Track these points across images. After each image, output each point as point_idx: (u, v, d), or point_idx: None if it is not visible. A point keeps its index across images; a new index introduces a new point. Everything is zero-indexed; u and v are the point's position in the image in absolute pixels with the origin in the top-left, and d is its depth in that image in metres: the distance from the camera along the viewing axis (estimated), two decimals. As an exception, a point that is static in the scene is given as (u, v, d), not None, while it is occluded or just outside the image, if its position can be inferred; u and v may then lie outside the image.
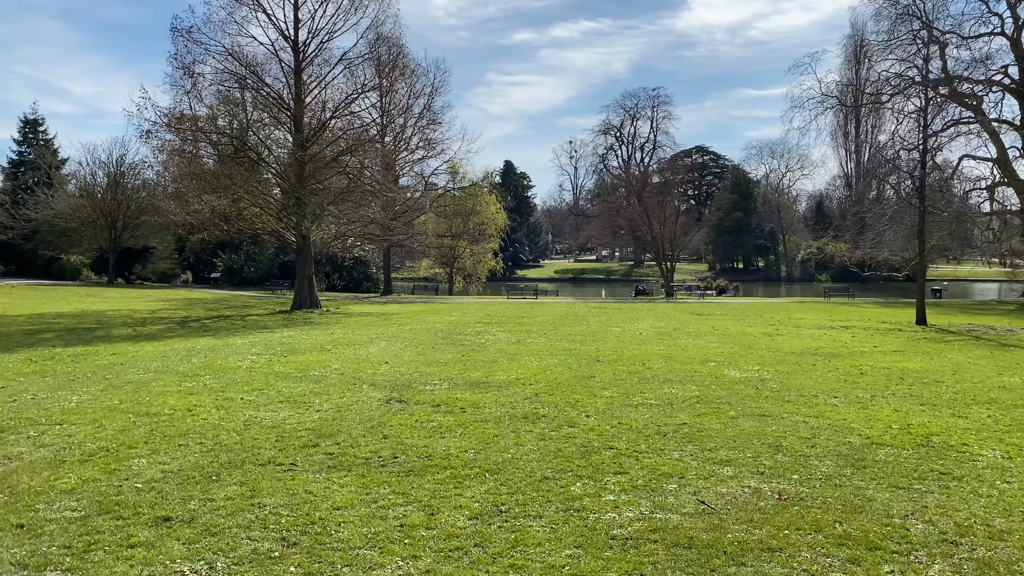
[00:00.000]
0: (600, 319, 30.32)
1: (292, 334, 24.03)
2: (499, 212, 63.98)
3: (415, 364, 16.27)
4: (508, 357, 17.49)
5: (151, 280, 68.13)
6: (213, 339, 22.52)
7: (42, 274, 71.74)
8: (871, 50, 68.26)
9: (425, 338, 22.35)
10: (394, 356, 17.85)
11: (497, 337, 22.52)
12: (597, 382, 13.61)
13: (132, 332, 24.65)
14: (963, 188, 51.04)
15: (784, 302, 48.57)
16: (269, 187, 39.20)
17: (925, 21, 55.24)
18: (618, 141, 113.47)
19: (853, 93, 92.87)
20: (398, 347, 19.92)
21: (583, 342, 21.04)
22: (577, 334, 23.56)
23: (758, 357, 17.78)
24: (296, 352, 18.85)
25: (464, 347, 19.84)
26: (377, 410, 10.98)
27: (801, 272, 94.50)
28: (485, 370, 15.18)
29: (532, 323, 27.97)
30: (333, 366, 16.00)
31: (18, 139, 79.01)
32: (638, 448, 8.70)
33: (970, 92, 52.49)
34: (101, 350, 19.45)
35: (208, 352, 18.93)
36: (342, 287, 60.99)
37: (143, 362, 16.97)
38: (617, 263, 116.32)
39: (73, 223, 60.84)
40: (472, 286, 65.22)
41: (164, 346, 20.57)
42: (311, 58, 35.48)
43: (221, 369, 15.64)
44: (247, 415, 10.62)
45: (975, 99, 52.35)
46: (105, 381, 14.08)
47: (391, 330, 25.13)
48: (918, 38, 56.32)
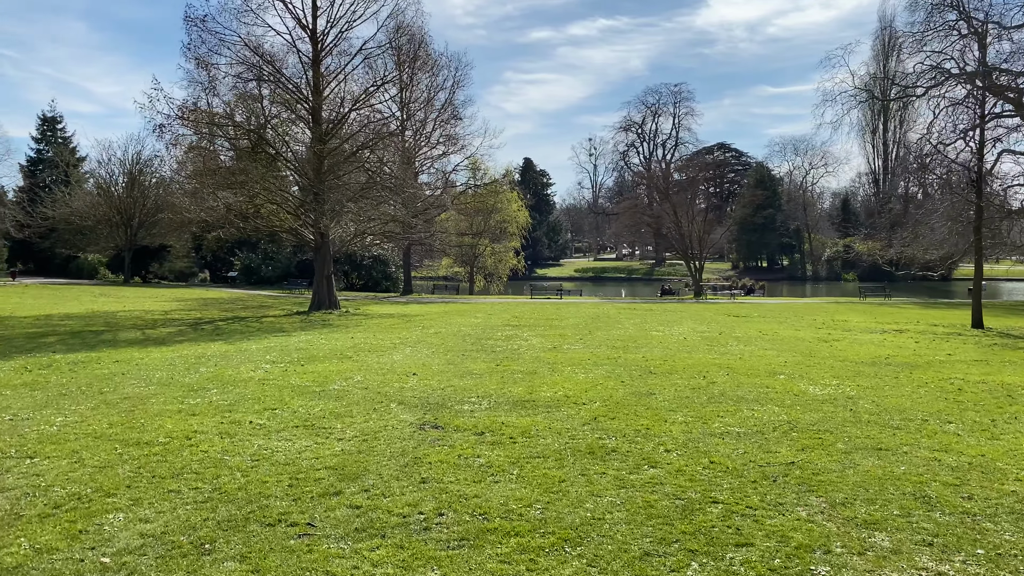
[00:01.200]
0: (635, 321, 28.37)
1: (310, 338, 22.26)
2: (520, 210, 62.09)
3: (446, 376, 14.41)
4: (548, 368, 15.60)
5: (168, 279, 66.80)
6: (225, 344, 20.78)
7: (60, 272, 70.65)
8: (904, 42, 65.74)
9: (452, 344, 20.50)
10: (421, 366, 16.01)
11: (530, 343, 20.63)
12: (660, 401, 11.68)
13: (140, 336, 22.97)
14: (1003, 184, 48.70)
15: (820, 302, 46.34)
16: (287, 184, 37.54)
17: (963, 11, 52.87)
18: (639, 138, 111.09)
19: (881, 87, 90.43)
20: (425, 354, 18.08)
21: (626, 349, 19.11)
22: (616, 339, 21.63)
23: (828, 368, 15.78)
24: (314, 360, 17.05)
25: (496, 355, 17.97)
26: (410, 439, 9.11)
27: (827, 271, 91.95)
28: (527, 384, 13.29)
29: (563, 326, 26.06)
30: (355, 378, 14.17)
31: (36, 137, 78.10)
32: (749, 501, 6.77)
33: (1011, 85, 50.13)
34: (104, 357, 17.75)
35: (218, 360, 17.17)
36: (361, 286, 59.33)
37: (146, 372, 15.23)
38: (638, 262, 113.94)
39: (89, 221, 59.56)
40: (493, 285, 63.37)
41: (172, 352, 18.84)
42: (329, 48, 33.70)
43: (231, 381, 13.85)
44: (256, 446, 8.78)
45: (1016, 92, 49.96)
46: (100, 396, 12.32)
47: (415, 334, 23.30)
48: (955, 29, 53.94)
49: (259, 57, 32.43)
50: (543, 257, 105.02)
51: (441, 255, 63.51)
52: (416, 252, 59.22)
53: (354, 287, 58.32)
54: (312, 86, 33.09)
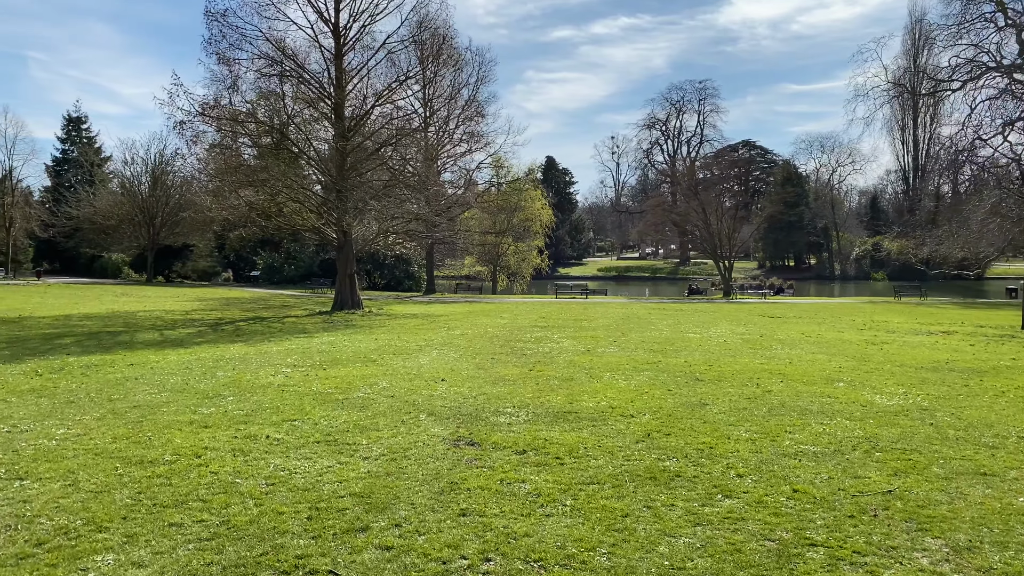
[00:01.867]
0: (668, 323, 27.19)
1: (332, 339, 21.34)
2: (544, 208, 60.99)
3: (477, 382, 13.37)
4: (586, 373, 14.52)
5: (191, 279, 66.46)
6: (245, 346, 19.91)
7: (84, 272, 70.61)
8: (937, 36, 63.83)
9: (480, 346, 19.47)
10: (450, 370, 14.99)
11: (562, 345, 19.55)
12: (716, 413, 10.57)
13: (158, 337, 22.17)
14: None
15: (855, 302, 44.80)
16: (309, 182, 36.75)
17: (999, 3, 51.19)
18: (663, 135, 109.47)
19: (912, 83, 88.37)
20: (452, 358, 17.07)
21: (664, 353, 17.98)
22: (652, 341, 20.49)
23: (888, 374, 14.56)
24: (337, 363, 16.09)
25: (528, 358, 16.92)
26: (444, 458, 8.08)
27: (856, 270, 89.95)
28: (565, 393, 12.22)
29: (594, 327, 24.96)
30: (380, 384, 13.18)
31: (62, 137, 78.26)
32: (853, 544, 5.65)
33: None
34: (118, 360, 16.92)
35: (237, 363, 16.26)
36: (383, 285, 58.56)
37: (161, 376, 14.34)
38: (662, 261, 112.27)
39: (112, 220, 59.28)
40: (516, 285, 62.33)
41: (190, 354, 17.99)
42: (352, 43, 32.81)
43: (249, 387, 12.90)
44: (272, 466, 7.79)
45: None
46: (108, 404, 11.42)
47: (441, 335, 22.31)
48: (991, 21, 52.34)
49: (280, 52, 31.62)
50: (565, 256, 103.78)
51: (464, 254, 62.60)
52: (438, 251, 58.31)
53: (376, 286, 57.56)
54: (334, 82, 32.22)
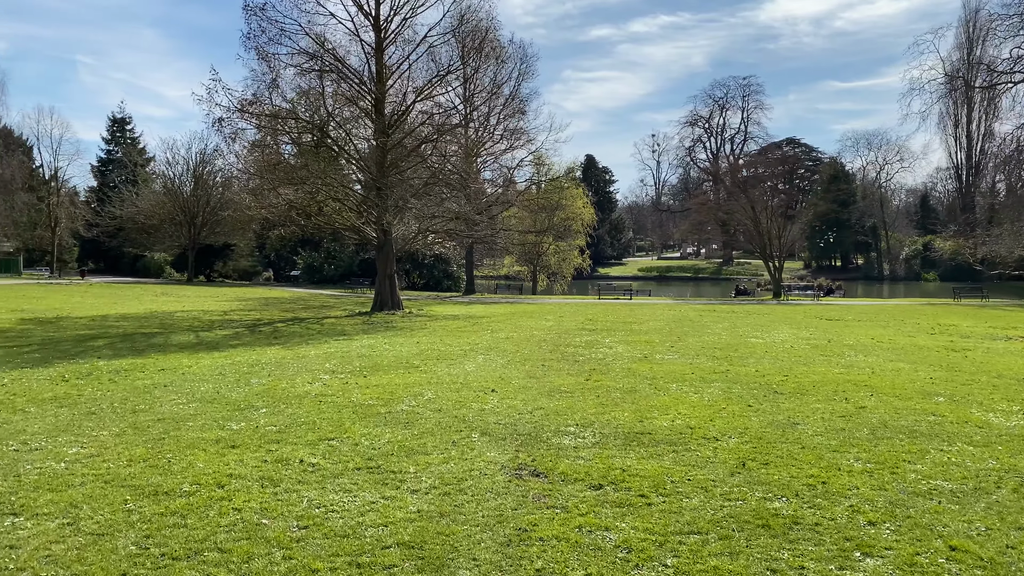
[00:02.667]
0: (722, 326, 25.63)
1: (373, 343, 20.23)
2: (586, 207, 59.46)
3: (531, 394, 12.09)
4: (649, 384, 13.15)
5: (232, 278, 66.29)
6: (282, 349, 18.89)
7: (128, 271, 70.94)
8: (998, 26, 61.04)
9: (528, 351, 18.19)
10: (499, 379, 13.73)
11: (616, 351, 18.18)
12: (812, 435, 9.14)
13: (194, 339, 21.28)
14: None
15: (913, 304, 42.56)
16: (349, 181, 35.86)
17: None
18: (706, 133, 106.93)
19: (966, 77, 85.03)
20: (500, 364, 15.82)
21: (729, 360, 16.51)
22: (712, 347, 19.02)
23: (990, 387, 12.94)
24: (378, 370, 14.94)
25: (582, 365, 15.60)
26: (506, 493, 6.80)
27: (905, 270, 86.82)
28: (632, 408, 10.88)
29: (645, 331, 23.53)
30: (425, 395, 11.97)
31: (107, 138, 78.82)
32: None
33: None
34: (149, 364, 15.98)
35: (273, 369, 15.20)
36: (422, 285, 57.64)
37: (191, 384, 13.32)
38: (704, 261, 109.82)
39: (154, 220, 59.23)
40: (556, 285, 60.93)
41: (224, 359, 17.00)
42: (393, 36, 31.76)
43: (283, 397, 11.79)
44: (305, 502, 6.58)
45: None
46: (132, 417, 10.39)
47: (485, 339, 21.07)
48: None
49: (320, 46, 30.69)
50: (605, 256, 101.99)
51: (503, 254, 61.39)
52: (477, 251, 57.21)
53: (415, 286, 56.66)
54: (375, 77, 31.20)
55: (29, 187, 60.13)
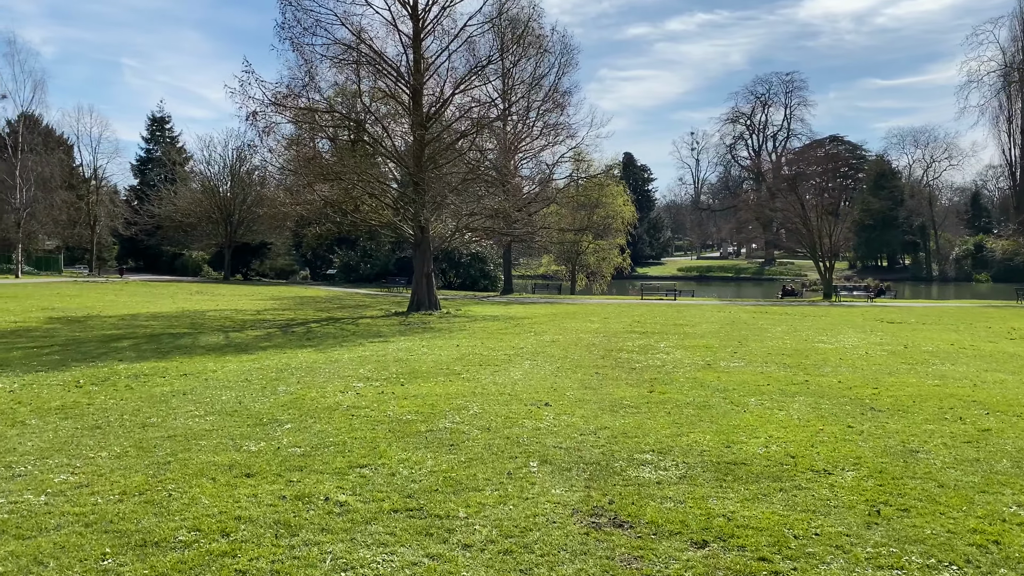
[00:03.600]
0: (781, 328, 23.80)
1: (410, 345, 18.85)
2: (626, 204, 57.66)
3: (590, 408, 10.56)
4: (722, 397, 11.53)
5: (268, 277, 65.70)
6: (314, 352, 17.58)
7: (167, 270, 70.80)
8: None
9: (578, 356, 16.64)
10: (552, 389, 12.22)
11: (674, 357, 16.56)
12: (943, 468, 7.47)
13: (223, 340, 20.10)
14: None
15: (974, 306, 40.07)
16: (385, 177, 34.62)
17: None
18: (748, 130, 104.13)
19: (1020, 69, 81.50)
20: (550, 371, 14.30)
21: (803, 368, 14.80)
22: (778, 353, 17.29)
23: (1124, 406, 11.09)
24: (416, 377, 13.52)
25: (639, 373, 14.02)
26: (585, 554, 5.26)
27: (956, 271, 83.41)
28: (711, 427, 9.30)
29: (700, 334, 21.83)
30: (470, 408, 10.50)
31: (146, 137, 78.90)
32: None
33: None
34: (172, 368, 14.76)
35: (303, 375, 13.86)
36: (458, 285, 56.32)
37: (213, 391, 12.03)
38: (745, 260, 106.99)
39: (191, 218, 58.72)
40: (595, 285, 59.16)
41: (252, 362, 15.73)
42: (432, 26, 30.38)
43: (311, 410, 10.42)
44: (329, 560, 5.12)
45: None
46: (140, 432, 9.09)
47: (529, 342, 19.56)
48: None
49: (356, 37, 29.44)
50: (644, 255, 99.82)
51: (541, 253, 59.79)
52: (514, 250, 55.74)
53: (451, 286, 55.36)
54: (412, 68, 29.86)
55: (69, 185, 60.04)
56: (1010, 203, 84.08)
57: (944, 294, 70.24)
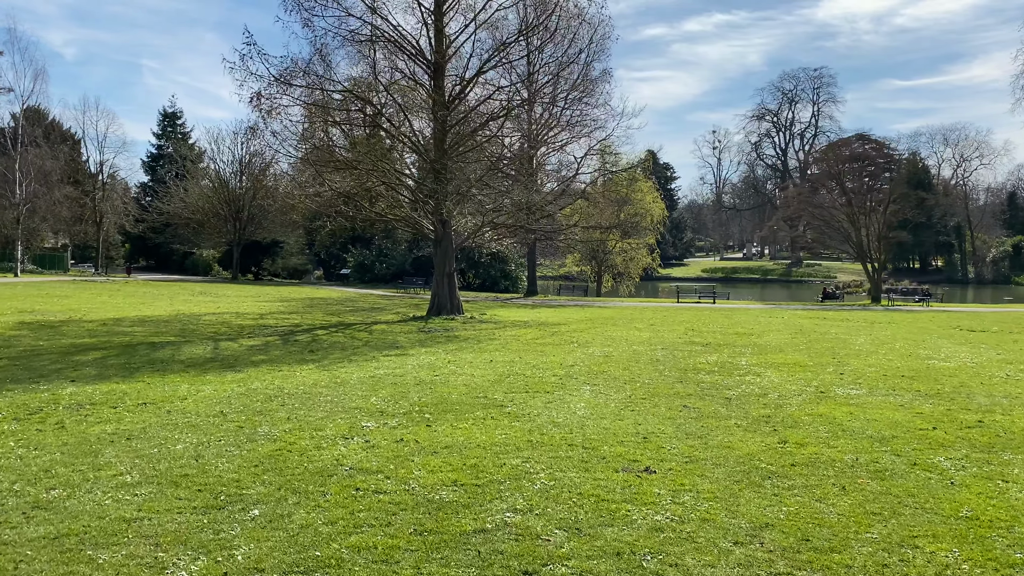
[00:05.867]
0: (864, 339, 20.00)
1: (433, 360, 15.28)
2: (656, 201, 53.92)
3: (717, 478, 6.95)
4: (887, 451, 7.90)
5: (281, 276, 62.39)
6: (316, 370, 14.05)
7: (177, 269, 67.69)
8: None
9: (647, 378, 13.00)
10: (638, 436, 8.62)
11: (768, 380, 12.90)
12: None
13: (209, 352, 16.59)
14: None
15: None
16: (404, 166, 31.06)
17: None
18: (774, 127, 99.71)
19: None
20: (621, 402, 10.69)
21: (949, 398, 11.10)
22: (893, 374, 13.56)
23: None
24: (447, 411, 9.96)
25: (740, 406, 10.41)
26: None
27: (993, 273, 79.06)
28: (943, 528, 5.66)
29: (774, 346, 18.11)
30: (536, 477, 6.93)
31: (157, 132, 75.94)
32: None
33: None
34: (131, 394, 11.28)
35: (296, 406, 10.34)
36: (477, 286, 52.75)
37: (170, 434, 8.55)
38: (770, 262, 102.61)
39: (199, 215, 55.44)
40: (623, 286, 55.41)
41: (237, 384, 12.23)
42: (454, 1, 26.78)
43: (297, 476, 6.88)
44: None
45: None
46: (19, 521, 5.55)
47: (577, 356, 15.92)
48: None
49: (371, 10, 25.91)
50: (667, 256, 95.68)
51: (566, 252, 56.04)
52: (539, 249, 52.07)
53: (471, 286, 51.79)
54: (434, 42, 26.29)
55: (74, 181, 56.89)
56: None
57: (980, 297, 65.88)
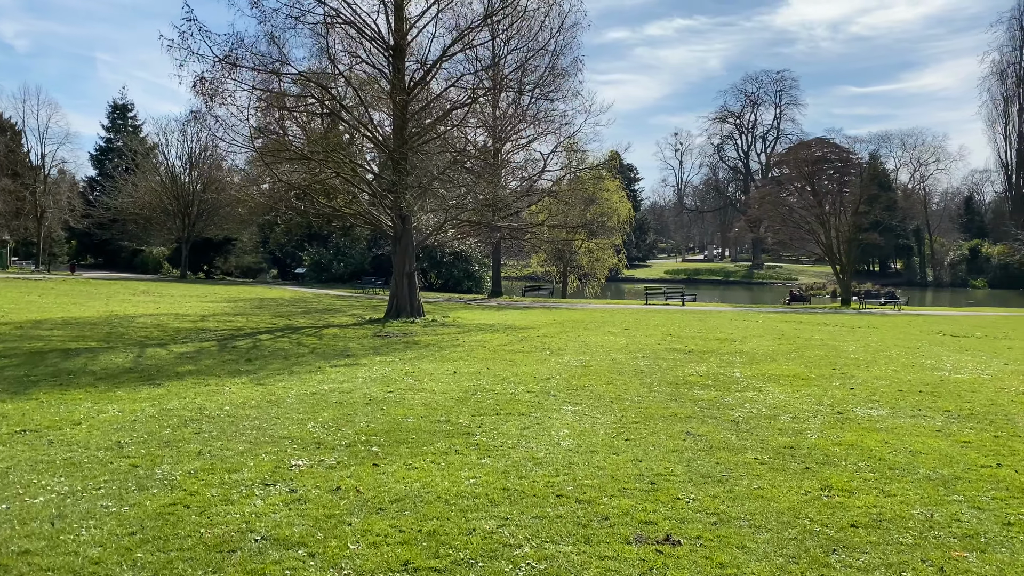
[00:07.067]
0: (855, 347, 18.49)
1: (388, 372, 13.26)
2: (622, 201, 52.32)
3: (761, 555, 5.07)
4: (966, 504, 6.16)
5: (234, 275, 59.48)
6: (249, 383, 11.93)
7: (126, 267, 64.35)
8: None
9: (635, 393, 11.18)
10: (641, 479, 6.77)
11: (773, 397, 11.17)
12: None
13: (130, 361, 14.32)
14: None
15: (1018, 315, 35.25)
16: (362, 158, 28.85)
17: None
18: (737, 129, 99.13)
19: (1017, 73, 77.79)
20: (612, 427, 8.83)
21: (986, 420, 9.47)
22: (907, 389, 11.94)
23: None
24: (400, 442, 7.98)
25: (753, 433, 8.64)
26: None
27: (951, 276, 79.35)
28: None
29: (764, 355, 16.45)
30: (519, 554, 5.00)
31: (107, 125, 72.39)
32: None
33: None
34: (13, 416, 9.23)
35: (214, 434, 8.29)
36: (440, 286, 50.65)
37: (37, 479, 6.52)
38: (731, 263, 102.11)
39: (145, 211, 52.32)
40: (588, 287, 53.82)
41: (150, 403, 10.11)
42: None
43: (189, 548, 4.85)
44: None
45: None
46: None
47: (552, 367, 14.02)
48: None
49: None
50: (631, 257, 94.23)
51: (531, 252, 54.23)
52: (504, 248, 50.17)
53: (432, 287, 49.65)
54: (394, 22, 24.21)
55: (13, 173, 53.33)
56: (1005, 207, 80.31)
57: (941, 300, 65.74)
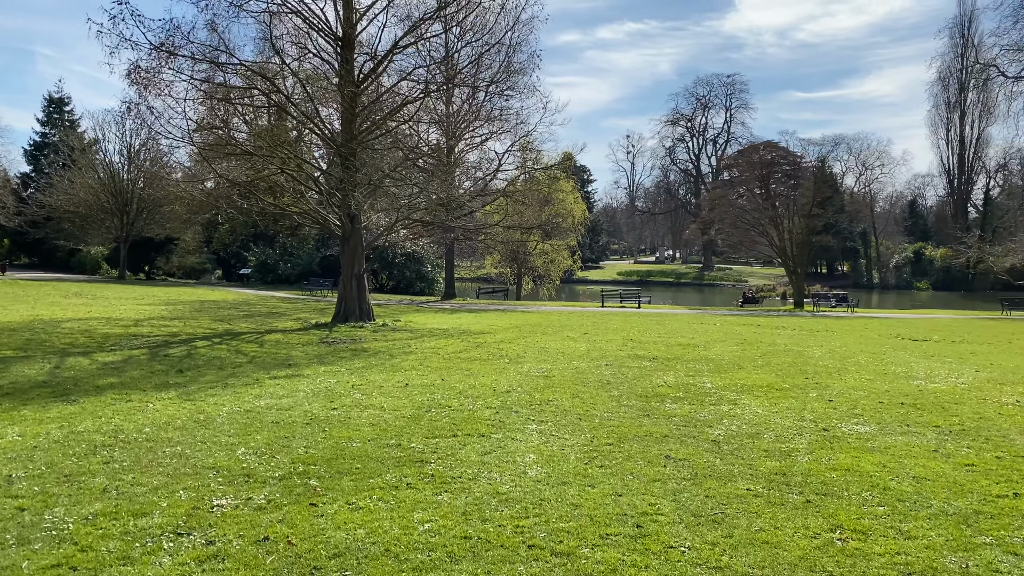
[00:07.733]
0: (820, 352, 17.90)
1: (332, 385, 12.06)
2: (577, 202, 51.69)
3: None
4: (998, 550, 5.28)
5: (176, 276, 57.01)
6: (177, 399, 10.62)
7: (62, 267, 61.14)
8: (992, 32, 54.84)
9: (604, 409, 10.23)
10: (625, 522, 5.78)
11: (751, 411, 10.35)
12: None
13: (46, 373, 12.81)
14: None
15: (968, 318, 35.49)
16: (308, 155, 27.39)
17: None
18: (688, 132, 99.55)
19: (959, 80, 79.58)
20: (582, 452, 7.85)
21: (967, 434, 8.75)
22: (888, 401, 11.26)
23: None
24: (343, 473, 6.84)
25: (739, 456, 7.77)
26: None
27: (896, 278, 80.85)
28: None
29: (731, 362, 15.71)
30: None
31: (41, 119, 68.76)
32: None
33: None
34: None
35: (128, 464, 7.07)
36: (391, 288, 49.15)
37: None
38: (682, 265, 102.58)
39: (82, 209, 49.64)
40: (543, 289, 52.96)
41: (58, 425, 8.78)
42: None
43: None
44: None
45: None
46: None
47: (512, 378, 12.99)
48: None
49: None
50: (584, 259, 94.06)
51: (486, 253, 53.17)
52: (458, 249, 48.95)
53: (383, 288, 48.14)
54: (341, 17, 22.90)
55: (-64, 167, 50.09)
56: (947, 210, 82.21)
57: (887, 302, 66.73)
